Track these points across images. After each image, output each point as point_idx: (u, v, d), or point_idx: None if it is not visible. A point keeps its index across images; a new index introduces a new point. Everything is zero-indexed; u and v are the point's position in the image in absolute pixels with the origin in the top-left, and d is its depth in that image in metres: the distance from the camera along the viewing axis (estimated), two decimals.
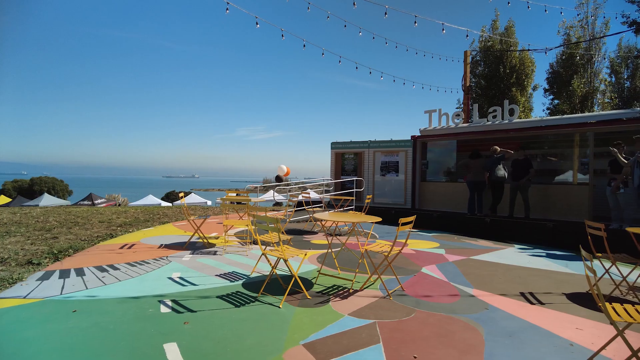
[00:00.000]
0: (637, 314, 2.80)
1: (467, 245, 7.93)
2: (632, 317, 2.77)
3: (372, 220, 5.15)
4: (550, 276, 5.65)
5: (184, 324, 3.60)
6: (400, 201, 12.18)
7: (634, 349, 2.61)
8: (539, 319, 3.92)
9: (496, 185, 9.64)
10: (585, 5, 23.73)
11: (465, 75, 14.75)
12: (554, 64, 25.29)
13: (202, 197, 35.97)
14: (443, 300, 4.44)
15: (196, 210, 14.15)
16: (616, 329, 2.69)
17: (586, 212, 8.84)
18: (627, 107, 23.80)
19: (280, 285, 4.76)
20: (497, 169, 9.47)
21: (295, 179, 16.48)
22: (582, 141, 9.81)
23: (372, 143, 12.82)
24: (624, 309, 2.88)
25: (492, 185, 9.74)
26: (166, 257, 6.32)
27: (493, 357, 3.06)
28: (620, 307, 2.90)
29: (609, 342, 3.01)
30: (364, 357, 3.04)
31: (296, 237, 8.35)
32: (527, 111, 23.43)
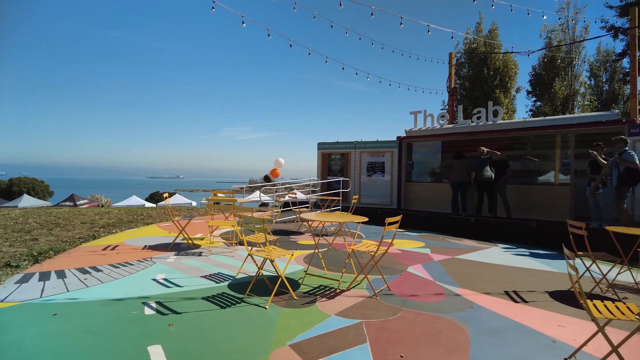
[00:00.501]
0: (617, 311, 2.87)
1: (452, 245, 8.01)
2: (613, 313, 2.83)
3: (358, 220, 5.17)
4: (534, 275, 5.74)
5: (168, 326, 3.55)
6: (386, 201, 12.25)
7: (614, 345, 2.66)
8: (523, 317, 3.98)
9: (485, 186, 9.60)
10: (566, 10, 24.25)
11: (450, 76, 14.91)
12: (536, 67, 25.78)
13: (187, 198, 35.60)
14: (429, 300, 4.48)
15: (181, 211, 13.99)
16: (597, 326, 2.75)
17: (568, 211, 9.02)
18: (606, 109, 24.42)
19: (267, 286, 4.74)
20: (485, 170, 9.45)
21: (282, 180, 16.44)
22: (564, 142, 10.02)
23: (359, 144, 12.87)
24: (604, 306, 2.94)
25: (481, 187, 9.68)
26: (150, 258, 6.22)
27: (479, 356, 3.10)
28: (601, 304, 2.97)
29: (590, 338, 3.08)
30: (350, 357, 3.04)
31: (283, 238, 8.33)
32: (511, 113, 23.82)
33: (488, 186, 9.57)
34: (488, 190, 9.61)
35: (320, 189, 13.21)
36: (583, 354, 3.10)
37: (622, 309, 2.91)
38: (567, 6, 24.23)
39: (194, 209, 15.94)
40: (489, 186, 9.57)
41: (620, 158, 7.11)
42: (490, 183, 9.52)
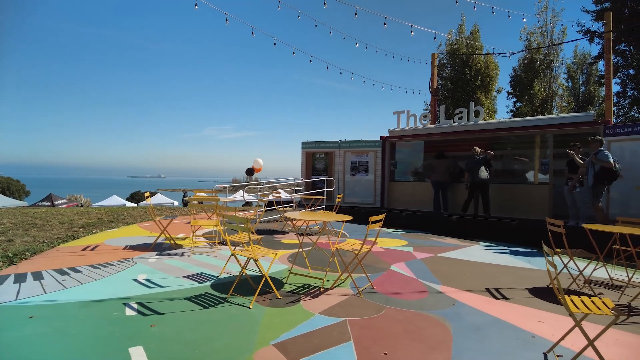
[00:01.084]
0: (593, 306, 2.95)
1: (435, 243, 8.11)
2: (589, 308, 2.91)
3: (342, 219, 5.18)
4: (514, 272, 5.86)
5: (150, 327, 3.50)
6: (370, 200, 12.32)
7: (590, 338, 2.74)
8: (504, 313, 4.06)
9: (480, 186, 9.55)
10: (544, 13, 24.78)
11: (433, 77, 15.08)
12: (517, 68, 26.31)
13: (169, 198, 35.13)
14: (412, 297, 4.52)
15: (162, 211, 13.79)
16: (574, 320, 2.82)
17: (547, 210, 9.23)
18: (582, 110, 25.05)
19: (250, 286, 4.71)
20: (481, 170, 9.44)
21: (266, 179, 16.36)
22: (543, 142, 10.25)
23: (343, 143, 12.90)
24: (581, 301, 3.02)
25: (476, 187, 9.61)
26: (131, 258, 6.12)
27: (461, 352, 3.14)
28: (578, 299, 3.05)
29: (567, 333, 3.16)
30: (334, 355, 3.04)
31: (266, 237, 8.29)
32: (492, 113, 24.23)
33: (483, 186, 9.57)
34: (483, 190, 9.62)
35: (304, 188, 13.20)
36: (561, 348, 3.18)
37: (598, 303, 2.99)
38: (546, 9, 24.79)
39: (175, 209, 15.73)
40: (485, 186, 9.57)
41: (596, 158, 7.31)
42: (485, 183, 9.52)
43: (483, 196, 9.62)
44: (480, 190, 9.62)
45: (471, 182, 9.66)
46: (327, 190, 12.20)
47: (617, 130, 8.39)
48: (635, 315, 4.13)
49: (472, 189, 9.71)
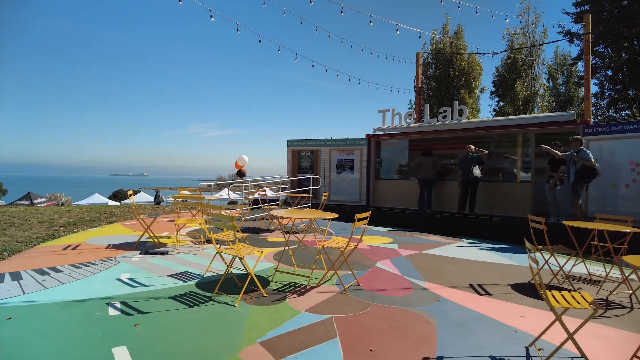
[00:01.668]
0: (573, 300, 3.02)
1: (419, 241, 8.20)
2: (569, 302, 2.98)
3: (328, 217, 5.20)
4: (497, 268, 5.96)
5: (134, 327, 3.45)
6: (355, 198, 12.37)
7: (569, 332, 2.81)
8: (487, 309, 4.13)
9: (472, 184, 9.64)
10: (526, 14, 25.23)
11: (417, 76, 15.20)
12: (499, 68, 26.71)
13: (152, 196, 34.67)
14: (397, 294, 4.56)
15: (146, 209, 13.60)
16: (555, 314, 2.89)
17: (529, 207, 9.41)
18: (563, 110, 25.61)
19: (236, 284, 4.68)
20: (474, 168, 9.51)
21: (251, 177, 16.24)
22: (525, 141, 10.44)
23: (329, 141, 12.92)
24: (561, 296, 3.09)
25: (468, 184, 9.68)
26: (114, 257, 6.02)
27: (445, 347, 3.19)
28: (559, 294, 3.12)
29: (548, 327, 3.23)
30: (320, 352, 3.05)
31: (252, 236, 8.25)
32: (475, 112, 24.56)
33: (475, 184, 9.67)
34: (473, 188, 9.72)
35: (290, 186, 13.18)
36: (542, 342, 3.26)
37: (578, 298, 3.07)
38: (528, 11, 25.24)
39: (159, 207, 15.53)
40: (476, 184, 9.67)
41: (578, 156, 7.48)
42: (477, 181, 9.61)
43: (472, 194, 9.76)
44: (470, 188, 9.74)
45: (464, 180, 9.74)
46: (313, 188, 12.21)
47: (596, 129, 8.60)
48: (612, 309, 4.26)
49: (464, 186, 9.81)
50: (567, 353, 3.06)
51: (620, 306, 4.35)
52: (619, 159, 8.11)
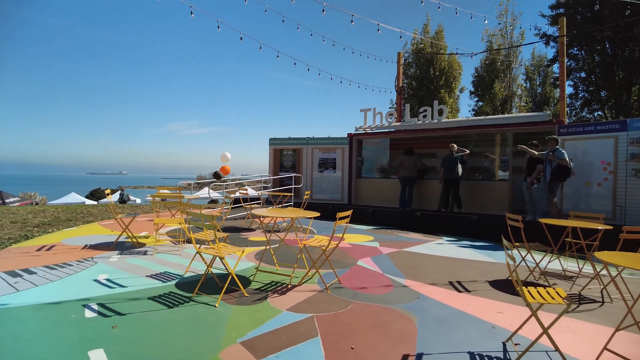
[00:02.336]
0: (548, 296, 3.11)
1: (400, 238, 8.28)
2: (544, 298, 3.07)
3: (310, 215, 5.20)
4: (476, 265, 6.08)
5: (112, 329, 3.38)
6: (337, 197, 12.41)
7: (544, 327, 2.89)
8: (466, 305, 4.21)
9: (455, 182, 9.79)
10: (505, 16, 25.77)
11: (399, 76, 15.33)
12: (479, 69, 27.22)
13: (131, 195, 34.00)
14: (378, 292, 4.60)
15: (124, 209, 13.34)
16: (530, 310, 2.96)
17: (506, 206, 9.61)
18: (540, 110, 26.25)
19: (217, 284, 4.64)
20: (458, 167, 9.65)
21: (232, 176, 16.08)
22: (503, 140, 10.66)
23: (311, 140, 12.91)
24: (537, 292, 3.18)
25: (451, 183, 9.80)
26: (91, 258, 5.89)
27: (425, 344, 3.23)
28: (534, 290, 3.20)
29: (524, 322, 3.31)
30: (302, 351, 3.06)
31: (233, 235, 8.19)
32: (455, 112, 24.94)
33: (457, 183, 9.80)
34: (456, 186, 9.85)
35: (272, 185, 13.13)
36: (519, 337, 3.34)
37: (552, 294, 3.15)
38: (506, 13, 25.79)
39: (138, 206, 15.24)
40: (458, 183, 9.81)
41: (554, 155, 7.68)
42: (459, 180, 9.78)
43: (455, 192, 9.90)
44: (453, 186, 9.88)
45: (446, 179, 9.84)
46: (295, 187, 12.19)
47: (570, 129, 8.85)
48: (585, 303, 4.39)
49: (446, 185, 9.93)
50: (542, 347, 3.15)
51: (593, 300, 4.50)
52: (591, 159, 8.37)
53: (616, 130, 8.05)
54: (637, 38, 18.38)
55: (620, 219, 7.81)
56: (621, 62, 19.13)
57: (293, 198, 11.55)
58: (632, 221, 7.57)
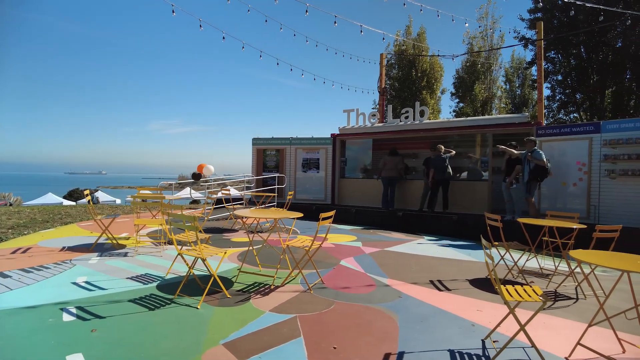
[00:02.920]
0: (525, 294, 3.19)
1: (382, 238, 8.36)
2: (521, 296, 3.15)
3: (293, 216, 5.21)
4: (456, 264, 6.18)
5: (91, 332, 3.33)
6: (321, 197, 12.44)
7: (521, 324, 2.97)
8: (446, 304, 4.28)
9: (444, 183, 9.92)
10: (485, 19, 26.28)
11: (381, 77, 15.45)
12: (460, 70, 27.66)
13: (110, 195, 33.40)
14: (360, 291, 4.64)
15: (104, 209, 13.08)
16: (508, 307, 3.04)
17: (486, 205, 9.80)
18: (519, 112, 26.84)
19: (199, 286, 4.60)
20: (447, 167, 9.78)
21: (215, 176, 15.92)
22: (483, 141, 10.86)
23: (294, 140, 12.90)
24: (515, 290, 3.26)
25: (440, 183, 9.90)
26: (70, 260, 5.76)
27: (407, 342, 3.28)
28: (512, 288, 3.29)
29: (502, 320, 3.39)
30: (284, 351, 3.07)
31: (215, 236, 8.13)
32: (436, 113, 25.28)
33: (446, 183, 9.93)
34: (445, 187, 9.97)
35: (255, 185, 13.07)
36: (497, 334, 3.42)
37: (529, 291, 3.24)
38: (486, 16, 26.30)
39: (118, 207, 14.97)
40: (447, 183, 9.94)
41: (532, 156, 7.87)
42: (449, 180, 9.90)
43: (445, 192, 10.04)
44: (442, 186, 10.01)
45: (436, 180, 9.91)
46: (278, 187, 12.16)
47: (547, 131, 9.07)
48: (560, 300, 4.52)
49: (435, 185, 10.03)
50: (520, 344, 3.24)
51: (567, 297, 4.63)
52: (568, 159, 8.60)
53: (590, 132, 8.29)
54: (610, 43, 18.98)
55: (594, 218, 8.05)
56: (595, 66, 19.72)
57: (276, 198, 11.52)
58: (605, 220, 7.82)
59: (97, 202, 20.98)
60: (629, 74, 19.21)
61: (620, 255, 3.25)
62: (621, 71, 19.00)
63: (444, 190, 10.02)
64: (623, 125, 7.91)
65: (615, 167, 7.89)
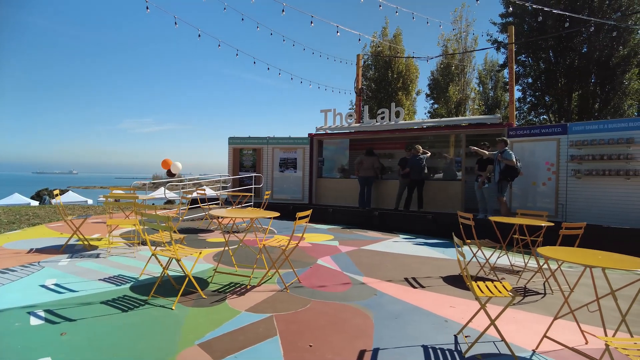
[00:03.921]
0: (495, 289, 3.30)
1: (359, 237, 8.44)
2: (492, 292, 3.25)
3: (270, 215, 5.20)
4: (430, 262, 6.31)
5: (60, 335, 3.24)
6: (298, 197, 12.44)
7: (492, 318, 3.06)
8: (420, 300, 4.37)
9: (420, 183, 10.11)
10: (459, 22, 26.85)
11: (358, 78, 15.57)
12: (434, 72, 28.17)
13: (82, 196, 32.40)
14: (336, 290, 4.68)
15: (75, 210, 12.69)
16: (480, 303, 3.13)
17: (460, 204, 10.02)
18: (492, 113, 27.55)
19: (173, 287, 4.54)
20: (424, 167, 9.98)
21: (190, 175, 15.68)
22: (457, 141, 11.11)
23: (271, 139, 12.86)
24: (485, 286, 3.36)
25: (416, 183, 10.09)
26: (38, 262, 5.57)
27: (381, 339, 3.33)
28: (483, 285, 3.39)
29: (474, 316, 3.49)
30: (260, 351, 3.07)
31: (190, 236, 8.02)
32: (412, 114, 25.66)
33: (422, 183, 10.12)
34: (420, 186, 10.15)
35: (231, 184, 12.95)
36: (469, 329, 3.51)
37: (499, 287, 3.35)
38: (460, 19, 26.89)
39: (90, 207, 14.55)
40: (423, 183, 10.13)
41: (502, 157, 8.10)
42: (424, 180, 10.10)
43: (419, 192, 10.21)
44: (417, 186, 10.18)
45: (413, 179, 10.08)
46: (255, 187, 12.09)
47: (518, 132, 9.36)
48: (529, 295, 4.68)
49: (411, 185, 10.19)
50: (490, 338, 3.33)
51: (536, 293, 4.80)
52: (537, 159, 8.90)
53: (558, 133, 8.61)
54: (576, 48, 19.72)
55: (562, 216, 8.36)
56: (563, 70, 20.46)
57: (253, 198, 11.46)
58: (572, 218, 8.13)
59: (49, 203, 20.23)
60: (594, 78, 20.02)
61: (584, 251, 3.39)
62: (586, 75, 19.78)
63: (419, 189, 10.20)
64: (588, 127, 8.25)
65: (581, 167, 8.22)
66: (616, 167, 7.79)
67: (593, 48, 19.03)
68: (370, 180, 10.76)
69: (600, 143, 7.96)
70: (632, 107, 20.72)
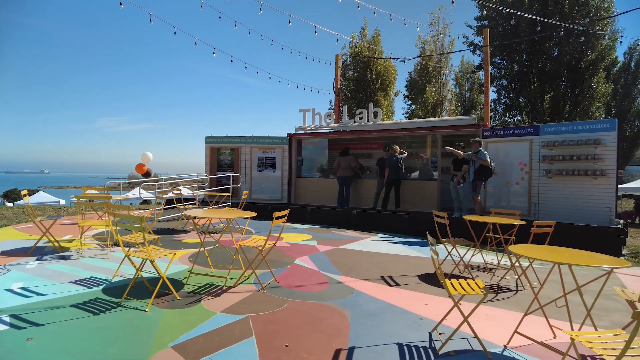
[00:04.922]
0: (469, 287, 3.36)
1: (337, 236, 8.47)
2: (465, 289, 3.32)
3: (247, 215, 5.16)
4: (406, 261, 6.38)
5: (26, 341, 3.13)
6: (277, 197, 12.39)
7: (465, 315, 3.12)
8: (396, 299, 4.41)
9: (397, 183, 10.23)
10: (436, 24, 27.24)
11: (337, 78, 15.61)
12: (412, 73, 28.50)
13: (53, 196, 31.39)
14: (314, 289, 4.68)
15: (45, 211, 12.29)
16: (453, 301, 3.19)
17: (435, 204, 10.18)
18: (468, 114, 28.09)
19: (147, 289, 4.45)
20: (402, 167, 10.08)
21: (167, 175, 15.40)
22: (433, 142, 11.28)
23: (250, 139, 12.76)
24: (459, 284, 3.42)
25: (393, 183, 10.20)
26: (4, 265, 5.37)
27: (357, 338, 3.35)
28: (457, 282, 3.45)
29: (448, 313, 3.55)
30: (235, 351, 3.04)
31: (165, 237, 7.89)
32: (390, 114, 25.89)
33: (399, 183, 10.23)
34: (397, 186, 10.25)
35: (208, 184, 12.79)
36: (443, 327, 3.57)
37: (472, 285, 3.41)
38: (438, 21, 27.25)
39: (61, 208, 14.12)
40: (400, 183, 10.24)
41: (476, 157, 8.27)
42: (401, 180, 10.22)
43: (396, 191, 10.31)
44: (395, 185, 10.27)
45: (390, 179, 10.16)
46: (233, 186, 11.97)
47: (493, 132, 9.57)
48: (502, 292, 4.80)
49: (389, 185, 10.27)
50: (464, 334, 3.40)
51: (508, 290, 4.92)
52: (511, 160, 9.13)
53: (530, 134, 8.85)
54: (548, 52, 20.34)
55: (534, 214, 8.60)
56: (535, 73, 21.05)
57: (231, 198, 11.35)
58: (544, 216, 8.37)
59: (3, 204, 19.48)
60: (564, 81, 20.68)
61: (553, 248, 3.50)
62: (557, 78, 20.41)
63: (396, 189, 10.32)
64: (559, 129, 8.51)
65: (552, 167, 8.47)
66: (584, 167, 8.06)
67: (563, 52, 19.66)
68: (349, 180, 10.82)
69: (569, 144, 8.22)
70: (600, 110, 21.48)
